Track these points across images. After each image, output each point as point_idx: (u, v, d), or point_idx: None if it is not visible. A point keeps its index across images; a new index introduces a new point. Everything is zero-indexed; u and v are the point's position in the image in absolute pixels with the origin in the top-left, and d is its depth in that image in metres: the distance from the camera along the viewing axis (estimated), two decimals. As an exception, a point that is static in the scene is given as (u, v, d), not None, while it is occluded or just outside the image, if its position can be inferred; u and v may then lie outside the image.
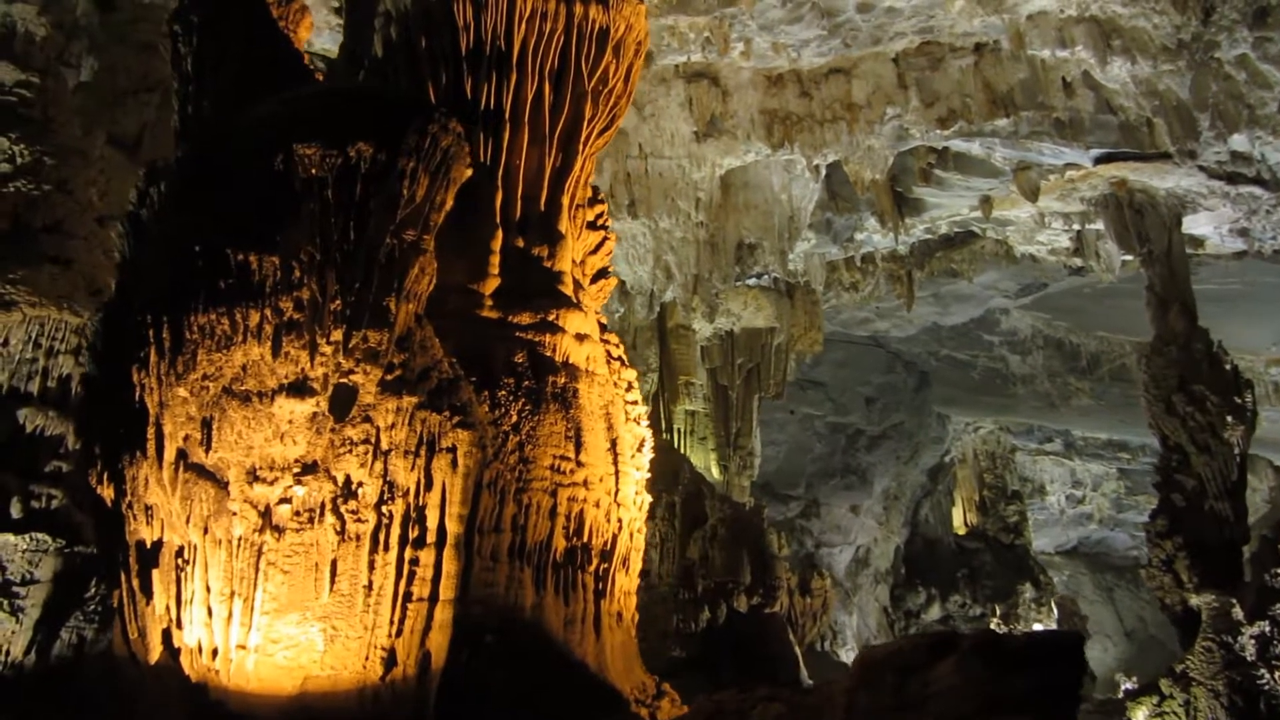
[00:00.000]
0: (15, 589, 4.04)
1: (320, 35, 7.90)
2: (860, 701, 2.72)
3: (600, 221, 4.74)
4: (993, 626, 12.87)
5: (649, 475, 4.73)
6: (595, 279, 4.73)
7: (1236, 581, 8.38)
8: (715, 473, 11.64)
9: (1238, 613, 8.00)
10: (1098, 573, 30.01)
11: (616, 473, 4.21)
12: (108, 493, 3.42)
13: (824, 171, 10.16)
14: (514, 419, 3.84)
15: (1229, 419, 8.62)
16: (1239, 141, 9.16)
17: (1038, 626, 12.61)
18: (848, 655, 20.02)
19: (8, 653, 3.99)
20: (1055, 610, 13.84)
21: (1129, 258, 10.57)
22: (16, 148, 4.54)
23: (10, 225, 4.46)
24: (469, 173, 3.61)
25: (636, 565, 4.54)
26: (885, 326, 16.43)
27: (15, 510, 4.22)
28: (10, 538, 4.14)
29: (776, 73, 9.71)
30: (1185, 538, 8.53)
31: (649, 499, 4.66)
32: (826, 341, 19.02)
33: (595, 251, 4.81)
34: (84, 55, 7.82)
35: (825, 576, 11.86)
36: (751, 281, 12.21)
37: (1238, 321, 17.27)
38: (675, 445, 11.59)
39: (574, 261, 4.46)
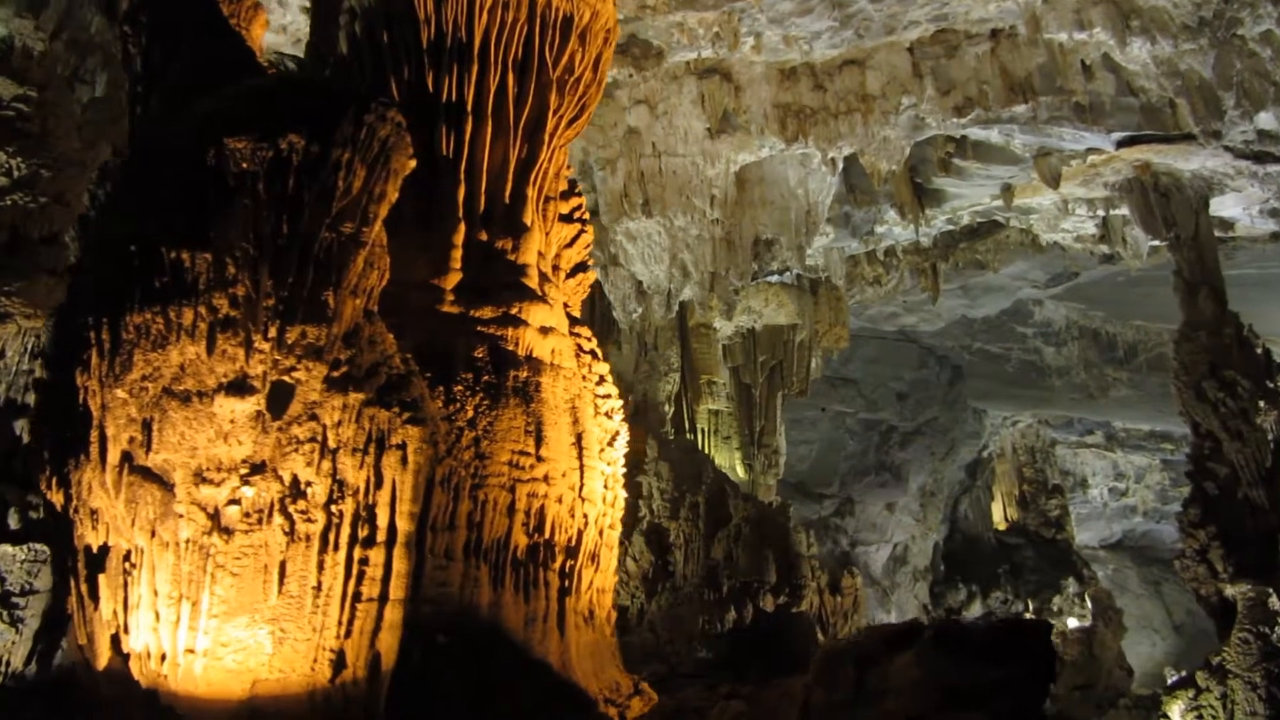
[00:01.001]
0: (14, 600, 4.06)
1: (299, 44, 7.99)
2: (817, 697, 2.64)
3: (577, 215, 4.68)
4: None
5: (624, 469, 4.65)
6: (573, 273, 4.67)
7: (1273, 570, 8.16)
8: (740, 472, 11.55)
9: (1274, 603, 7.78)
10: (1144, 566, 29.53)
11: (581, 467, 4.12)
12: (57, 498, 3.43)
13: (840, 165, 10.05)
14: (470, 414, 3.78)
15: (1261, 404, 8.40)
16: (1265, 119, 8.94)
17: (1073, 623, 12.39)
18: (886, 654, 19.84)
19: (8, 663, 4.01)
20: (1090, 604, 13.57)
21: (1157, 243, 10.34)
22: (13, 161, 4.59)
23: (8, 238, 4.51)
24: (413, 164, 3.56)
25: (609, 562, 4.45)
26: (914, 321, 16.25)
27: (13, 521, 4.25)
28: (9, 549, 4.17)
29: (789, 66, 9.62)
30: (1219, 527, 8.31)
31: (622, 494, 4.58)
32: (856, 338, 18.87)
33: (571, 245, 4.75)
34: (98, 71, 7.96)
35: (856, 575, 11.70)
36: (773, 279, 12.12)
37: (1278, 306, 16.90)
38: (699, 445, 11.51)
39: (542, 254, 4.39)
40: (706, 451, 11.52)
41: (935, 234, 11.58)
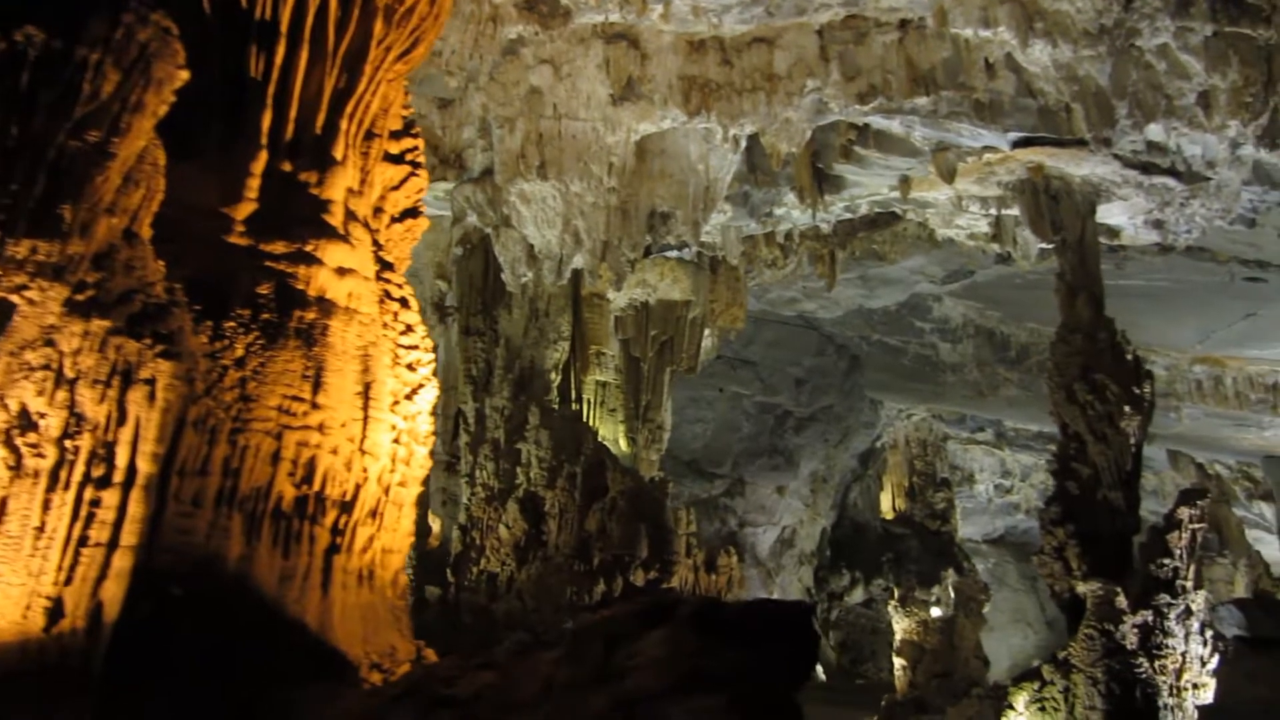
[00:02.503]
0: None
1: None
2: (561, 674, 2.55)
3: (409, 157, 4.46)
4: (891, 608, 12.89)
5: (428, 425, 4.47)
6: (402, 218, 4.47)
7: (1124, 571, 8.39)
8: (624, 445, 11.47)
9: (1121, 601, 8.00)
10: (1023, 561, 30.52)
11: (366, 419, 3.92)
12: None
13: (743, 143, 9.96)
14: (239, 353, 3.55)
15: (1126, 409, 8.60)
16: (1155, 131, 9.10)
17: (935, 612, 12.65)
18: (766, 635, 20.08)
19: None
20: (952, 594, 13.88)
21: (1047, 246, 10.51)
22: None
23: None
24: (183, 75, 3.31)
25: (400, 522, 4.26)
26: (812, 307, 16.35)
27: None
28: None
29: (698, 38, 9.48)
30: (1077, 526, 8.51)
31: (422, 451, 4.41)
32: (758, 321, 18.95)
33: (399, 188, 4.52)
34: None
35: (733, 554, 11.75)
36: (671, 254, 12.02)
37: (1164, 318, 17.43)
38: (584, 416, 11.40)
39: (356, 191, 4.16)
40: (591, 423, 11.41)
41: (834, 221, 11.60)
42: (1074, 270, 9.41)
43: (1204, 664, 8.18)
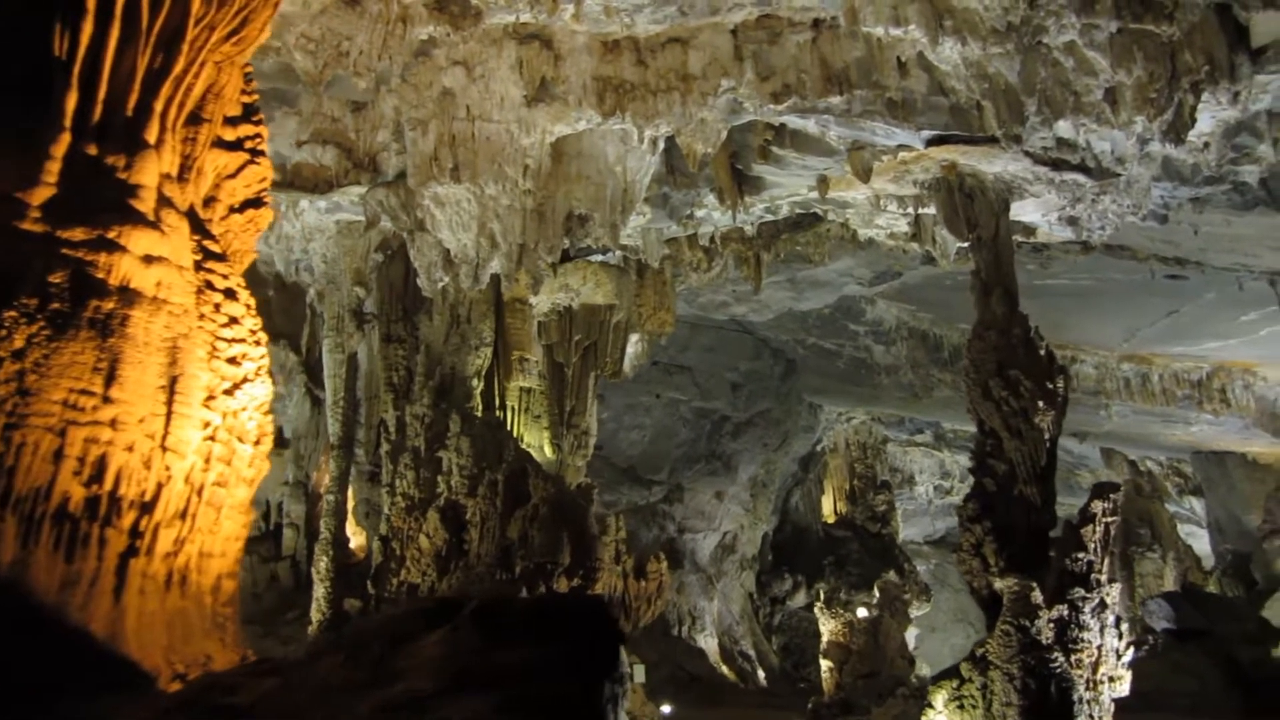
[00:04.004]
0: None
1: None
2: (337, 677, 2.42)
3: (248, 144, 4.29)
4: (817, 609, 12.86)
5: (256, 422, 4.29)
6: (242, 208, 4.30)
7: (1041, 566, 8.41)
8: (549, 452, 11.33)
9: (1037, 597, 8.02)
10: (964, 562, 30.47)
11: (169, 414, 3.74)
12: None
13: (661, 145, 9.89)
14: (18, 344, 3.36)
15: (1040, 404, 8.63)
16: (1064, 128, 9.17)
17: (861, 612, 12.65)
18: (706, 641, 20.01)
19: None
20: (878, 594, 13.91)
21: (965, 245, 10.56)
22: None
23: None
24: None
25: (219, 524, 4.05)
26: (743, 310, 16.34)
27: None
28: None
29: (612, 39, 9.40)
30: (994, 522, 8.52)
31: (247, 450, 4.23)
32: (694, 326, 18.92)
33: (235, 176, 4.34)
34: None
35: (662, 560, 11.63)
36: (595, 257, 11.92)
37: (1091, 317, 17.67)
38: (508, 423, 11.24)
39: (173, 177, 3.96)
40: (516, 430, 11.25)
41: (756, 222, 11.57)
42: (989, 267, 9.45)
43: (1119, 657, 8.21)
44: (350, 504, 11.93)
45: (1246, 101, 9.29)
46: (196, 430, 3.82)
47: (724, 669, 19.58)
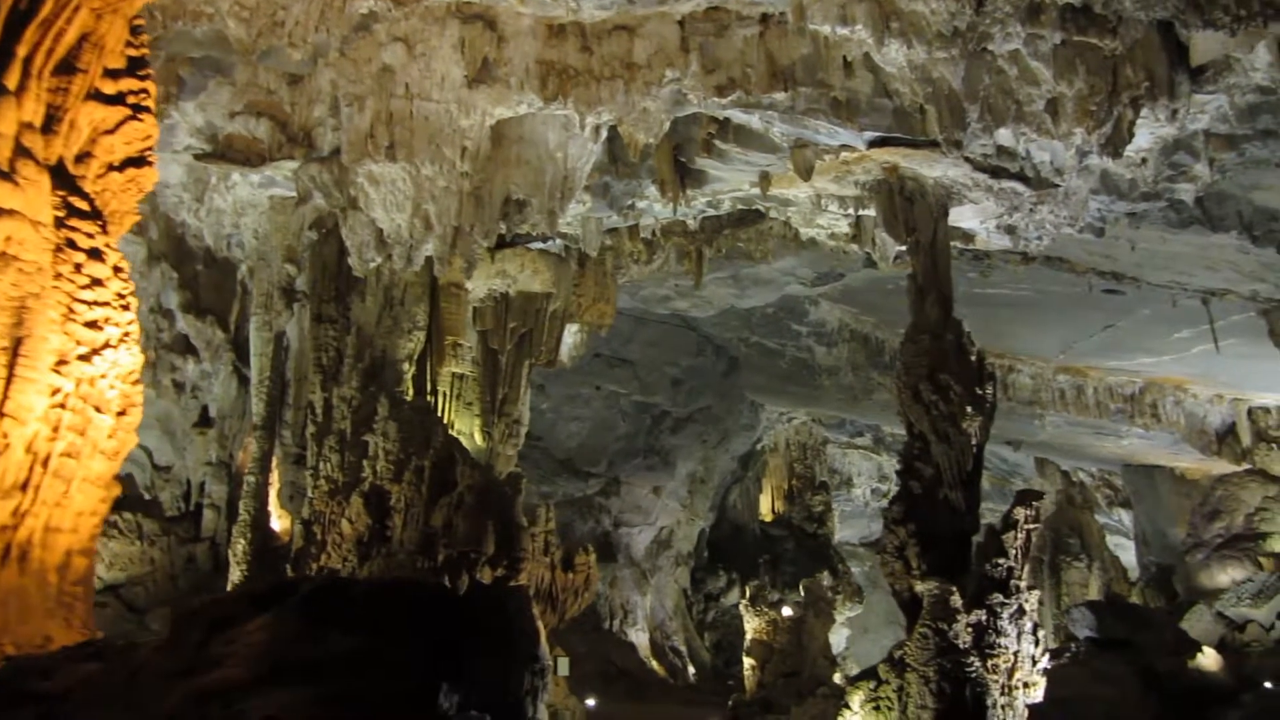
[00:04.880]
0: None
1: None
2: (152, 664, 2.29)
3: (131, 100, 4.08)
4: (742, 607, 12.85)
5: (115, 390, 4.08)
6: (124, 166, 4.09)
7: (962, 571, 8.44)
8: (479, 440, 11.16)
9: (956, 600, 8.04)
10: (898, 565, 30.73)
11: (10, 378, 3.54)
12: None
13: (604, 133, 9.76)
14: None
15: (969, 409, 8.66)
16: (1005, 136, 9.20)
17: (786, 611, 12.65)
18: (637, 635, 19.97)
19: None
20: (803, 593, 13.95)
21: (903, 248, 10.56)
22: None
23: None
24: None
25: (69, 497, 3.86)
26: (685, 305, 16.28)
27: None
28: None
29: (558, 23, 9.25)
30: (918, 525, 8.53)
31: (105, 420, 4.03)
32: (637, 320, 18.83)
33: (113, 131, 4.13)
34: None
35: (591, 552, 11.54)
36: (536, 245, 11.78)
37: (1030, 328, 17.85)
38: (439, 408, 11.05)
39: (31, 126, 3.76)
40: (447, 416, 11.07)
41: (698, 216, 11.50)
42: (925, 271, 9.47)
43: (1035, 663, 8.27)
44: (276, 486, 11.67)
45: (1184, 120, 9.39)
46: (42, 396, 3.61)
47: (654, 664, 19.55)
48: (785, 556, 23.79)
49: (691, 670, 20.62)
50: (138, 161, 4.06)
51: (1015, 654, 8.15)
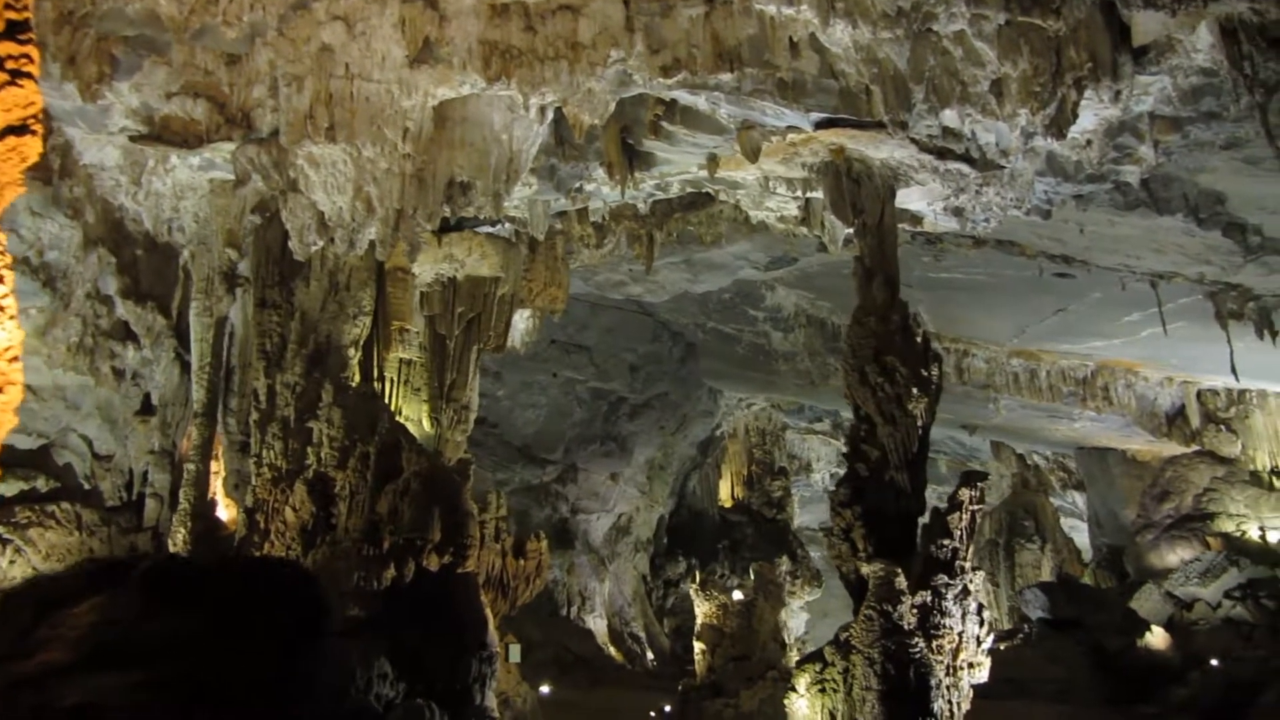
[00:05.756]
0: None
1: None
2: None
3: (11, 65, 3.90)
4: (692, 591, 12.84)
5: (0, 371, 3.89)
6: (3, 135, 3.91)
7: (908, 552, 8.45)
8: (427, 426, 11.03)
9: (901, 582, 8.05)
10: (857, 550, 30.90)
11: None
12: None
13: (550, 115, 9.63)
14: None
15: (914, 391, 8.66)
16: (950, 117, 9.18)
17: (737, 595, 12.67)
18: (595, 622, 19.94)
19: None
20: (753, 577, 13.97)
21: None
22: None
23: None
24: None
25: None
26: (639, 290, 16.20)
27: None
28: None
29: (501, 2, 9.09)
30: (864, 507, 8.53)
31: None
32: (594, 306, 18.74)
33: None
34: None
35: (542, 539, 11.46)
36: (484, 229, 11.63)
37: (983, 312, 17.97)
38: (386, 395, 10.91)
39: None
40: (394, 402, 10.93)
41: (647, 200, 11.41)
42: (872, 253, 9.45)
43: (980, 643, 8.30)
44: (222, 475, 11.48)
45: (1128, 101, 9.41)
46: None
47: (612, 651, 19.53)
48: (745, 542, 23.87)
49: (650, 656, 20.62)
50: (19, 130, 3.87)
51: (960, 634, 8.18)
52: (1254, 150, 10.28)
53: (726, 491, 25.52)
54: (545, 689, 13.14)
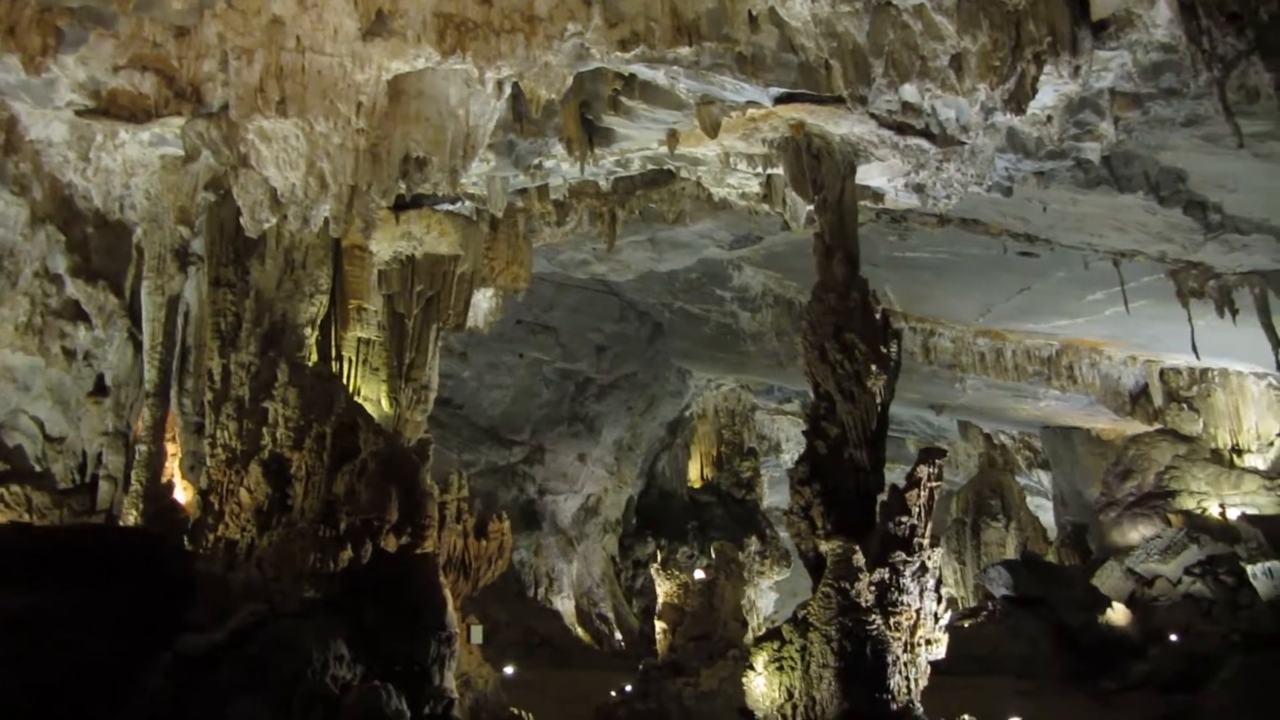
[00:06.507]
0: None
1: None
2: None
3: None
4: (654, 571, 12.80)
5: None
6: None
7: (867, 530, 8.43)
8: (386, 406, 10.90)
9: (859, 559, 8.03)
10: (826, 530, 31.05)
11: None
12: None
13: (507, 90, 9.49)
14: None
15: (874, 368, 8.62)
16: (909, 92, 9.12)
17: (697, 574, 12.65)
18: (563, 603, 19.90)
19: None
20: (714, 556, 13.95)
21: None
22: None
23: None
24: None
25: None
26: (603, 270, 16.09)
27: None
28: None
29: (456, -26, 8.94)
30: (823, 485, 8.50)
31: None
32: (560, 286, 18.63)
33: None
34: None
35: (504, 519, 11.38)
36: (444, 206, 11.48)
37: (949, 291, 18.01)
38: (344, 374, 10.76)
39: None
40: (353, 382, 10.79)
41: (608, 177, 11.30)
42: (832, 230, 9.39)
43: (938, 620, 8.30)
44: (179, 457, 11.32)
45: (1088, 77, 9.37)
46: None
47: (579, 631, 19.51)
48: (714, 522, 23.89)
49: (618, 637, 20.62)
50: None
51: (918, 611, 8.18)
52: (1214, 128, 10.27)
53: (696, 472, 25.53)
54: (509, 670, 13.09)
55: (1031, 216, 13.40)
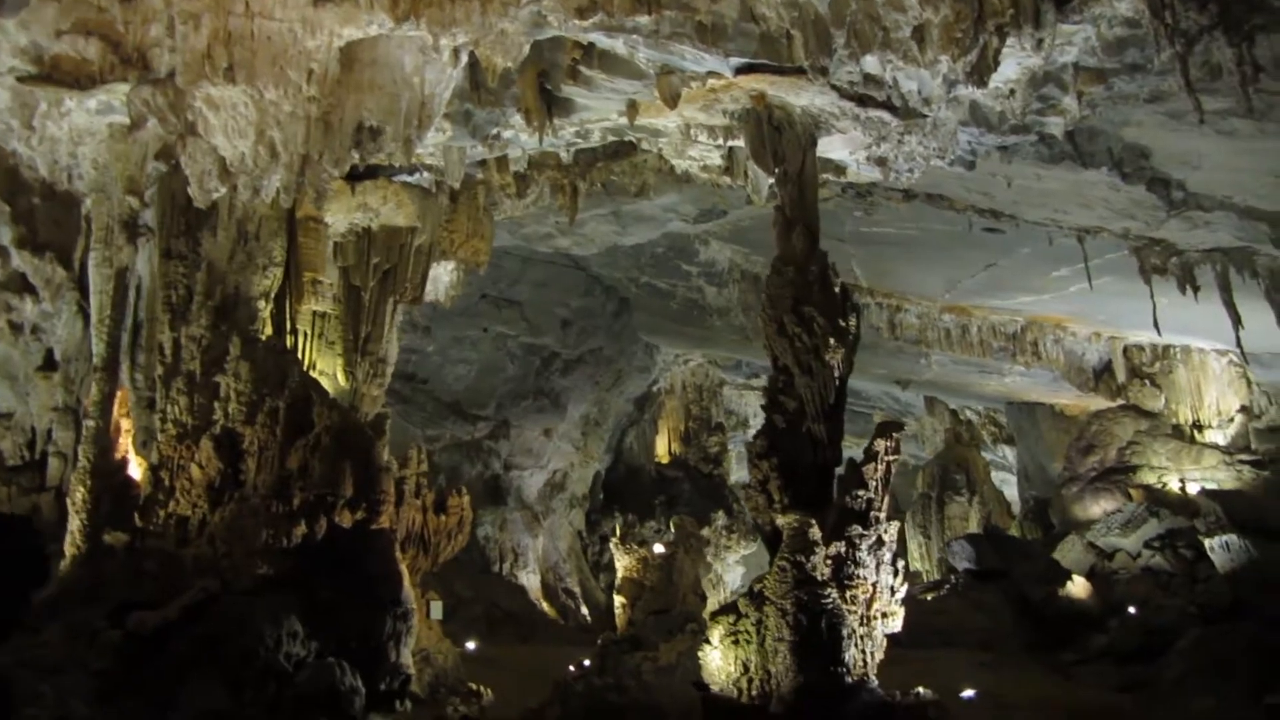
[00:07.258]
0: None
1: None
2: None
3: None
4: (613, 545, 12.76)
5: None
6: None
7: (824, 504, 8.39)
8: (343, 380, 10.73)
9: (815, 533, 7.99)
10: (794, 505, 31.21)
11: None
12: None
13: (464, 58, 9.29)
14: None
15: (832, 341, 8.56)
16: (871, 63, 9.03)
17: (657, 549, 12.62)
18: (528, 578, 19.86)
19: None
20: (673, 531, 13.95)
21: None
22: None
23: None
24: None
25: None
26: (567, 244, 15.93)
27: None
28: None
29: (411, -61, 8.72)
30: (780, 459, 8.45)
31: None
32: (525, 260, 18.45)
33: None
34: None
35: (464, 494, 11.28)
36: (403, 177, 11.29)
37: (916, 267, 17.99)
38: (299, 348, 10.58)
39: None
40: (308, 356, 10.61)
41: (568, 148, 11.14)
42: (793, 203, 9.29)
43: (894, 593, 8.29)
44: (132, 432, 11.10)
45: (1051, 50, 9.29)
46: None
47: (544, 606, 19.48)
48: (681, 497, 23.90)
49: (585, 611, 20.62)
50: None
51: (874, 585, 8.16)
52: (1177, 104, 10.24)
53: (664, 447, 25.51)
54: (471, 645, 13.03)
55: (996, 192, 13.37)
